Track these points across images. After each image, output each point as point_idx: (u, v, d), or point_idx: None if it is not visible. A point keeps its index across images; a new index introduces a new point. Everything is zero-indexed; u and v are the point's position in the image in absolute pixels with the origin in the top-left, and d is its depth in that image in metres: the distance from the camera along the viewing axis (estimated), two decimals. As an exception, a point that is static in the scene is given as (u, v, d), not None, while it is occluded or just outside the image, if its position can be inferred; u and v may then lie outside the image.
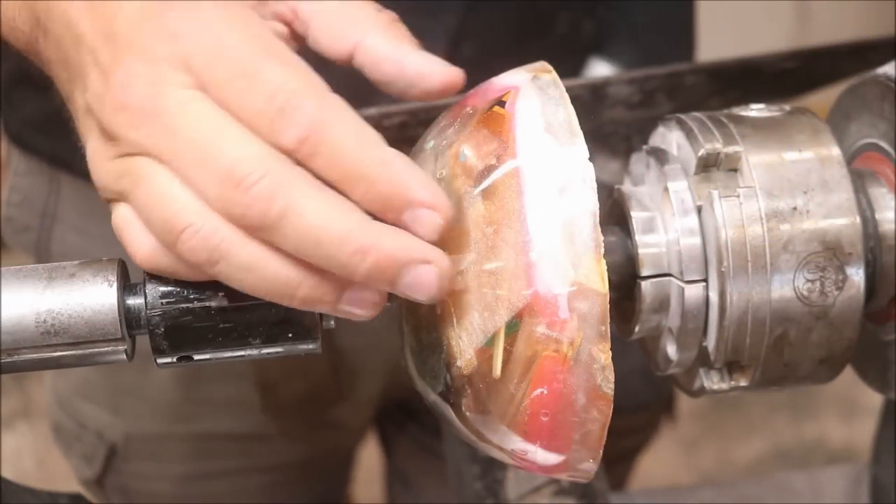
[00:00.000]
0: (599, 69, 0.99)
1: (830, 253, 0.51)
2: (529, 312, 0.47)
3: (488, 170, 0.48)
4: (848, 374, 0.56)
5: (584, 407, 0.48)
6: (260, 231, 0.46)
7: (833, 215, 0.51)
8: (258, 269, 0.47)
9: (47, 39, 0.52)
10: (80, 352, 0.50)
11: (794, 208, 0.51)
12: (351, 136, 0.46)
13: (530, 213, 0.47)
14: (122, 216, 0.49)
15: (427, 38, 0.83)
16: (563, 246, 0.47)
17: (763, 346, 0.51)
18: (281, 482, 1.04)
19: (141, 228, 0.48)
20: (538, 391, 0.48)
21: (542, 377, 0.48)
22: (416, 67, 0.53)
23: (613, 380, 0.48)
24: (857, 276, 0.51)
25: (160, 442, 0.99)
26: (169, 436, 0.99)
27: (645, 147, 0.56)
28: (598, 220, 0.47)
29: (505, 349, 0.48)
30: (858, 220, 0.51)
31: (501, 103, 0.50)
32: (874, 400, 0.68)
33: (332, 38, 0.54)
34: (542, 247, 0.47)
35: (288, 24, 0.55)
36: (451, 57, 0.53)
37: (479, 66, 0.55)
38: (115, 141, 0.48)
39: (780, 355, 0.52)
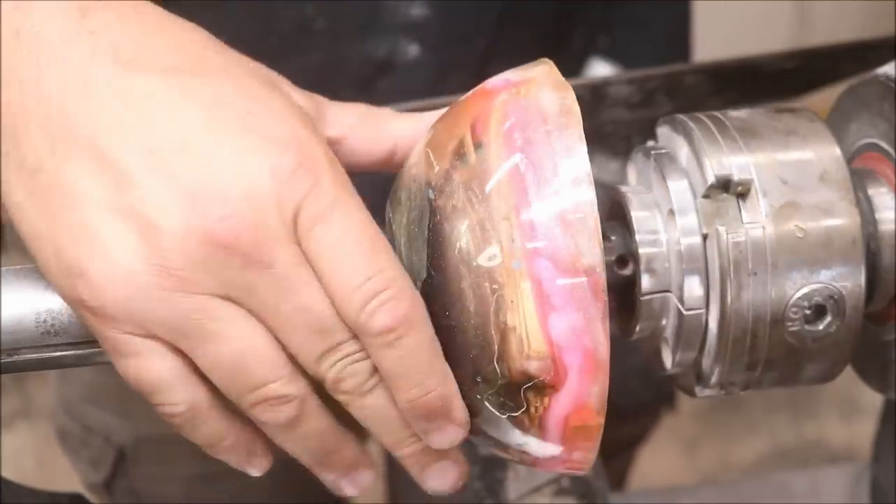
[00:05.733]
0: (599, 69, 0.99)
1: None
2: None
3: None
4: (848, 374, 0.56)
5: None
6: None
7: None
8: (323, 436, 0.50)
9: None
10: (80, 352, 0.49)
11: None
12: (429, 343, 0.47)
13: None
14: (168, 366, 0.47)
15: (459, 60, 0.85)
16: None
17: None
18: (289, 479, 1.04)
19: (190, 381, 0.48)
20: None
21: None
22: None
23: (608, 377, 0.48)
24: (857, 275, 0.51)
25: (169, 444, 0.99)
26: (178, 438, 0.98)
27: (645, 147, 0.56)
28: (597, 217, 0.47)
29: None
30: (858, 220, 0.51)
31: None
32: (874, 400, 0.68)
33: (370, 143, 0.53)
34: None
35: None
36: (481, 75, 0.53)
37: None
38: (195, 273, 0.45)
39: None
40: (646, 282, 0.52)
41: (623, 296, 0.53)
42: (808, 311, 0.50)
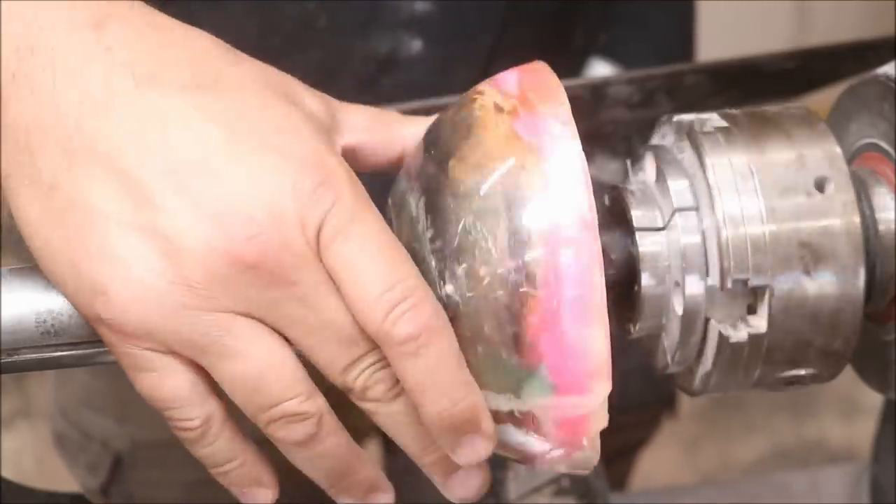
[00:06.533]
0: (599, 69, 0.99)
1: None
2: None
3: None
4: (848, 374, 0.56)
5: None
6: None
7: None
8: (340, 456, 0.50)
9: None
10: (80, 352, 0.50)
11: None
12: (453, 351, 0.47)
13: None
14: (185, 381, 0.47)
15: (464, 57, 0.85)
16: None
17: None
18: (286, 483, 1.04)
19: (207, 396, 0.48)
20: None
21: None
22: None
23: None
24: (857, 276, 0.51)
25: (166, 449, 0.98)
26: (175, 443, 0.98)
27: (645, 146, 0.56)
28: (594, 213, 0.47)
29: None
30: (858, 220, 0.51)
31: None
32: (874, 400, 0.68)
33: (381, 147, 0.54)
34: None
35: None
36: (486, 72, 0.54)
37: None
38: (217, 292, 0.45)
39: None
40: (646, 280, 0.52)
41: (623, 294, 0.53)
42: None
